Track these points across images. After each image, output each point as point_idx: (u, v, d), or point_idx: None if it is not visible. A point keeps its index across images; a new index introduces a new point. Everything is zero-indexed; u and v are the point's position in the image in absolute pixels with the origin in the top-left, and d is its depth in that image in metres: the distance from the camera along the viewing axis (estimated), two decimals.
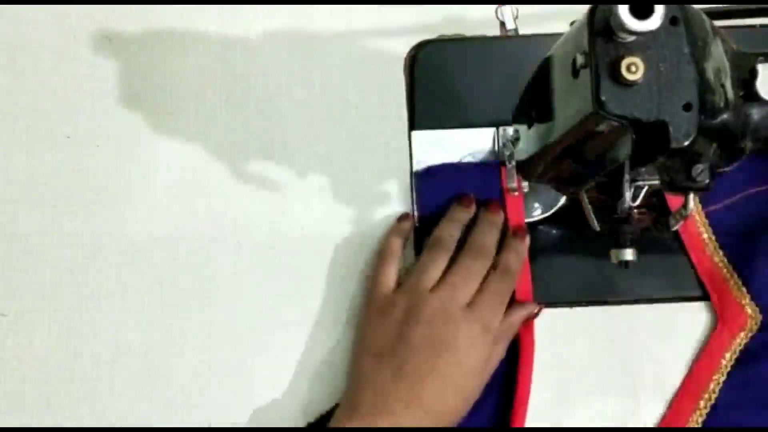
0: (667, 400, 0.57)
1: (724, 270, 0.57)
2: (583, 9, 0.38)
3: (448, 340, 0.50)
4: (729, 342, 0.56)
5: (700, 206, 0.58)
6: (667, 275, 0.58)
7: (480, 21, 0.62)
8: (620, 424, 0.57)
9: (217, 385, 0.58)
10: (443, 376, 0.50)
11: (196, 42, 0.63)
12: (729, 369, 0.56)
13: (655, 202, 0.57)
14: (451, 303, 0.52)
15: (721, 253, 0.58)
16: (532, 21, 0.60)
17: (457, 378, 0.51)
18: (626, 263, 0.50)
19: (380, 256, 0.57)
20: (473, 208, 0.57)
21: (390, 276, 0.55)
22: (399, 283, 0.55)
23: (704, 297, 0.58)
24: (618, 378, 0.58)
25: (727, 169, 0.43)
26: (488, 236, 0.55)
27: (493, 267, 0.54)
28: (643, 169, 0.43)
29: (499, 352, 0.54)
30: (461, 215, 0.56)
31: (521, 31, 0.58)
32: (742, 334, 0.56)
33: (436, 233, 0.56)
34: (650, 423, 0.57)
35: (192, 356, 0.58)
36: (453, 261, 0.54)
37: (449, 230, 0.56)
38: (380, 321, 0.53)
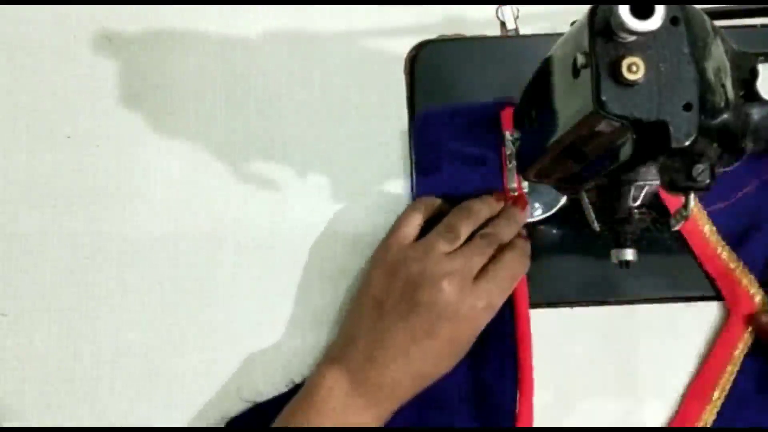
0: (668, 399, 0.57)
1: (730, 261, 0.57)
2: (583, 9, 0.38)
3: (452, 309, 0.51)
4: (741, 332, 0.57)
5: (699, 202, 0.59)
6: (668, 275, 0.58)
7: (480, 21, 0.62)
8: (620, 424, 0.57)
9: (217, 385, 0.58)
10: (438, 342, 0.51)
11: (196, 42, 0.63)
12: (742, 359, 0.56)
13: (655, 202, 0.57)
14: (463, 273, 0.51)
15: (724, 243, 0.58)
16: (532, 21, 0.60)
17: (450, 346, 0.52)
18: (626, 263, 0.50)
19: (411, 204, 0.57)
20: (500, 205, 0.57)
21: (412, 226, 0.55)
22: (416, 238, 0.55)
23: (705, 297, 0.58)
24: (618, 378, 0.58)
25: (727, 169, 0.43)
26: (506, 228, 0.55)
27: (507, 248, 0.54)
28: (644, 169, 0.43)
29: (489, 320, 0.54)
30: (496, 204, 0.56)
31: (521, 31, 0.58)
32: (752, 324, 0.57)
33: (470, 203, 0.56)
34: (650, 423, 0.57)
35: (192, 356, 0.58)
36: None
37: (482, 206, 0.55)
38: (388, 272, 0.53)
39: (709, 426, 0.55)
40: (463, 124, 0.58)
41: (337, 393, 0.50)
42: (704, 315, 0.59)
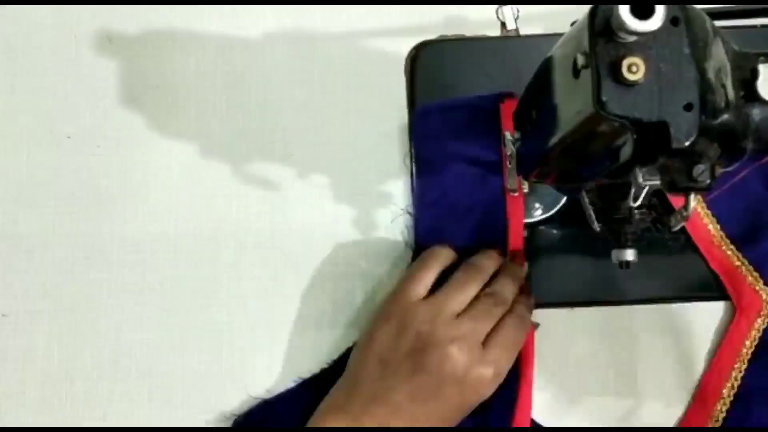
0: (668, 399, 0.57)
1: (735, 258, 0.57)
2: (584, 9, 0.38)
3: (459, 376, 0.50)
4: (748, 329, 0.57)
5: (700, 198, 0.59)
6: (669, 275, 0.58)
7: (481, 21, 0.62)
8: (620, 424, 0.57)
9: (217, 385, 0.58)
10: (442, 404, 0.50)
11: (196, 42, 0.63)
12: (750, 356, 0.56)
13: (655, 202, 0.57)
14: (472, 339, 0.50)
15: (728, 241, 0.58)
16: (532, 21, 0.60)
17: (454, 409, 0.51)
18: (627, 263, 0.50)
19: (422, 257, 0.55)
20: (501, 260, 0.56)
21: (423, 283, 0.53)
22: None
23: (705, 297, 0.58)
24: (618, 378, 0.58)
25: (728, 169, 0.42)
26: (510, 285, 0.54)
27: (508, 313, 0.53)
28: (644, 170, 0.43)
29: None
30: (499, 259, 0.55)
31: (521, 31, 0.58)
32: (759, 320, 0.57)
33: (475, 260, 0.55)
34: (650, 423, 0.57)
35: (192, 356, 0.58)
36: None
37: (488, 262, 0.54)
38: (396, 329, 0.52)
39: (720, 423, 0.56)
40: (463, 117, 0.57)
41: None
42: (704, 315, 0.59)
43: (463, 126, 0.57)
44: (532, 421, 0.56)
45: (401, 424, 0.50)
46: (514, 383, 0.54)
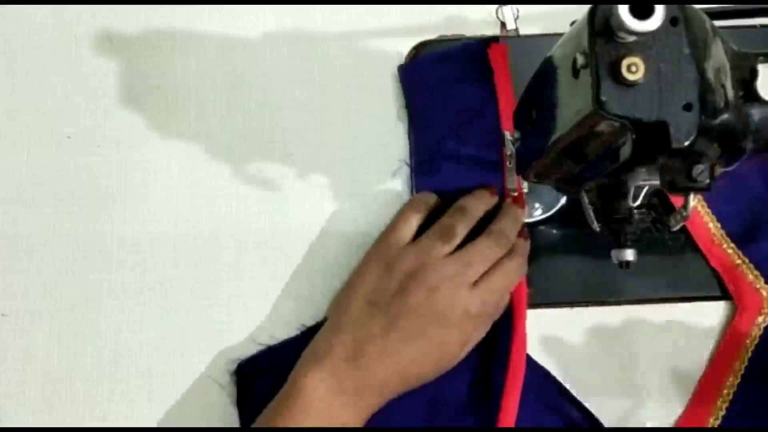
0: (668, 399, 0.57)
1: (735, 257, 0.57)
2: (583, 9, 0.38)
3: (445, 312, 0.51)
4: (749, 328, 0.57)
5: (700, 197, 0.59)
6: (668, 275, 0.58)
7: (481, 21, 0.62)
8: (620, 424, 0.57)
9: (216, 386, 0.58)
10: (428, 344, 0.51)
11: (196, 42, 0.63)
12: (750, 355, 0.56)
13: (655, 202, 0.57)
14: (460, 278, 0.51)
15: (729, 240, 0.58)
16: (532, 21, 0.60)
17: (440, 349, 0.51)
18: (627, 263, 0.50)
19: (408, 202, 0.56)
20: (495, 200, 0.57)
21: (408, 227, 0.55)
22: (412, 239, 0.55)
23: (706, 297, 0.58)
24: (618, 378, 0.58)
25: (727, 169, 0.43)
26: (510, 227, 0.55)
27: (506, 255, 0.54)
28: (644, 170, 0.43)
29: (484, 331, 0.54)
30: (490, 199, 0.56)
31: (521, 31, 0.58)
32: (760, 319, 0.57)
33: (463, 202, 0.56)
34: (650, 423, 0.57)
35: (192, 356, 0.58)
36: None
37: (476, 205, 0.55)
38: (384, 271, 0.53)
39: (719, 422, 0.56)
40: (453, 65, 0.58)
41: (322, 393, 0.50)
42: (704, 315, 0.59)
43: (455, 72, 0.58)
44: (530, 358, 0.55)
45: (387, 368, 0.50)
46: (507, 337, 0.54)
